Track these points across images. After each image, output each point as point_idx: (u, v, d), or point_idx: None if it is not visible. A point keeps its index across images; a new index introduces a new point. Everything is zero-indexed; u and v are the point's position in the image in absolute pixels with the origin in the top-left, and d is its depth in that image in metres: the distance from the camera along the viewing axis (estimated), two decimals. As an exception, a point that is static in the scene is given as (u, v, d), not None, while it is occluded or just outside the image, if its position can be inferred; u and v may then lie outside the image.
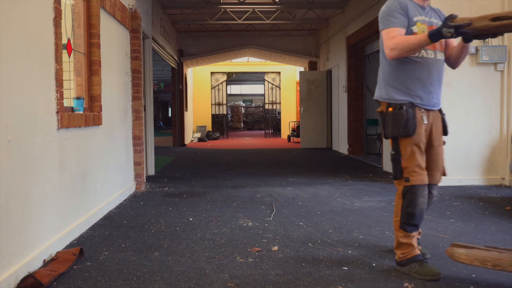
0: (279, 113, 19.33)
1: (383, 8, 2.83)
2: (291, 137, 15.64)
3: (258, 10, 10.59)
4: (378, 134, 9.92)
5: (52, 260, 2.94)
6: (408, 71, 2.76)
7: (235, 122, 26.24)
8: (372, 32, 8.29)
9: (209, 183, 6.32)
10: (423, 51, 2.74)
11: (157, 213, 4.49)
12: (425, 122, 2.78)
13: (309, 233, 3.68)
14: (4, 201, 2.49)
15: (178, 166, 8.38)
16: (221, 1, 10.06)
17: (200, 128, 16.94)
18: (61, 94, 3.30)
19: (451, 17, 2.47)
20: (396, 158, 2.78)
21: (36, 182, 2.91)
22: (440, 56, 2.84)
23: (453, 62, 2.92)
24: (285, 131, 17.73)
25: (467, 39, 2.60)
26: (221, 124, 18.98)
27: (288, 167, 8.15)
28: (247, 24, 11.95)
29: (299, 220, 4.12)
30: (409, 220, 2.74)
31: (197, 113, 17.61)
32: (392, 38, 2.71)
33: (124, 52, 5.42)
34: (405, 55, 2.70)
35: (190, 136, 15.92)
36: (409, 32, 2.76)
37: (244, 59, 17.71)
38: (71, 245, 3.39)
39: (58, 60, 3.26)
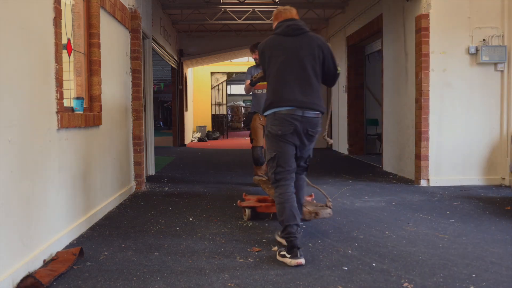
0: (279, 113, 19.27)
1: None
2: (291, 137, 15.60)
3: (258, 10, 10.59)
4: (378, 134, 9.91)
5: (52, 260, 2.94)
6: (254, 99, 5.92)
7: (235, 122, 26.21)
8: (372, 32, 8.29)
9: (209, 183, 6.33)
10: (255, 91, 5.81)
11: (157, 213, 4.49)
12: (260, 120, 5.75)
13: (309, 233, 3.68)
14: (4, 201, 2.49)
15: (178, 166, 8.38)
16: (221, 1, 10.06)
17: (200, 128, 16.92)
18: (61, 94, 3.30)
19: (254, 76, 4.80)
20: (250, 135, 5.99)
21: (36, 182, 2.91)
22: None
23: None
24: (285, 131, 17.68)
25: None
26: (221, 124, 18.97)
27: (288, 167, 8.12)
28: (247, 24, 11.94)
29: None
30: (253, 160, 5.92)
31: (197, 113, 17.60)
32: (245, 86, 5.73)
33: (124, 52, 5.42)
34: (249, 92, 5.85)
35: (190, 136, 15.91)
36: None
37: (244, 59, 17.69)
38: (71, 245, 3.39)
39: (58, 60, 3.26)
